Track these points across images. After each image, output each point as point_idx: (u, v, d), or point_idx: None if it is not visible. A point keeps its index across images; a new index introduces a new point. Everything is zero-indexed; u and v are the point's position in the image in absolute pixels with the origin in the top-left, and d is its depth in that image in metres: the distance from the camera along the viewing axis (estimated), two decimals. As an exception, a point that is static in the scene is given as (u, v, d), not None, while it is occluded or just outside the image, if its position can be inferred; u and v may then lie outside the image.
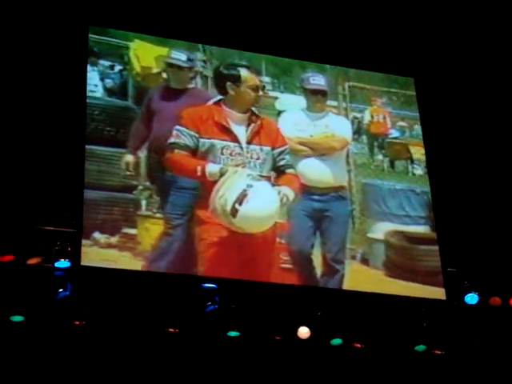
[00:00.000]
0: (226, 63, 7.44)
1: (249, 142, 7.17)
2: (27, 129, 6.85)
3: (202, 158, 7.03)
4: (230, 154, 7.08)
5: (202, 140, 7.06)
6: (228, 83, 7.26)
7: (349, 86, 7.76)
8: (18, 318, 6.34)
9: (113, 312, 6.46)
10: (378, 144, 7.65)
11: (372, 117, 7.73)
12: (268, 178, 7.11)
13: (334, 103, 7.65)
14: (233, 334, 6.72)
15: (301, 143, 7.36)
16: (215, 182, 6.92)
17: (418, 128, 7.78)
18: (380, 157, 7.61)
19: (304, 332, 6.80)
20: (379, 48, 7.92)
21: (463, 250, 7.31)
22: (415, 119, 7.81)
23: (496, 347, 7.19)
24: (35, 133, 6.85)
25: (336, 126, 7.54)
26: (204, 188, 6.91)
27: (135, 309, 6.49)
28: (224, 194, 6.86)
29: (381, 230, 7.28)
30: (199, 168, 6.96)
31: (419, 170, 7.60)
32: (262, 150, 7.19)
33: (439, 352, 7.05)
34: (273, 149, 7.22)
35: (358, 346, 6.94)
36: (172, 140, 7.03)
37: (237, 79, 7.26)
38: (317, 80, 7.64)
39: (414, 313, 6.98)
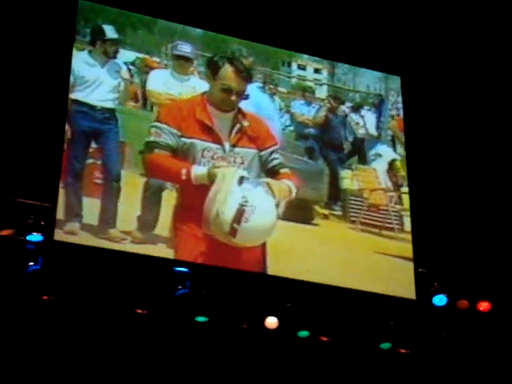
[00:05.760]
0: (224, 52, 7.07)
1: (233, 145, 6.81)
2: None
3: (182, 159, 6.67)
4: (212, 158, 6.71)
5: (182, 139, 6.68)
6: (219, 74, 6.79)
7: None
8: (-14, 289, 6.31)
9: (82, 289, 6.43)
10: None
11: None
12: (262, 183, 6.77)
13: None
14: (201, 319, 6.69)
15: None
16: (199, 186, 6.62)
17: None
18: None
19: (272, 322, 6.80)
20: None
21: (434, 251, 7.35)
22: None
23: (461, 350, 7.25)
24: (15, 105, 6.75)
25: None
26: (185, 194, 6.63)
27: (105, 287, 6.47)
28: (218, 213, 6.48)
29: None
30: (184, 171, 6.59)
31: None
32: (247, 153, 6.83)
33: (404, 351, 7.10)
34: (260, 150, 6.89)
35: (325, 339, 6.96)
36: (151, 138, 6.66)
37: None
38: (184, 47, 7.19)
39: (381, 310, 7.00)
